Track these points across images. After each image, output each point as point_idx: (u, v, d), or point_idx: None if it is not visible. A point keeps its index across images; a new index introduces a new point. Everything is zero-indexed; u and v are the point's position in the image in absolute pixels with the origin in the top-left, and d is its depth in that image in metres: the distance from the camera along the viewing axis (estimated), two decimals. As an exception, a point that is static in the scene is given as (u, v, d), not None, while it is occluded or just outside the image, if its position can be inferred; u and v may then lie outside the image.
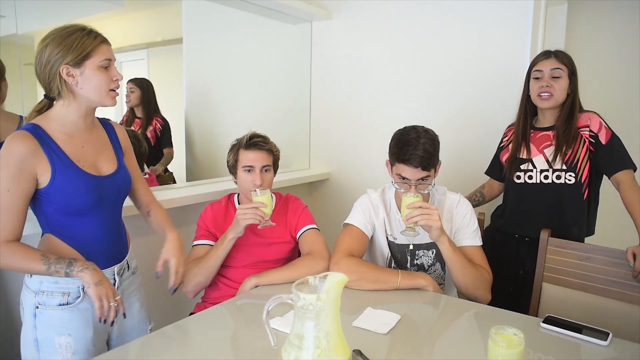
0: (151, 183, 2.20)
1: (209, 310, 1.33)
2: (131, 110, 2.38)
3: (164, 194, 2.00)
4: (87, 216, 1.22)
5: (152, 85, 2.38)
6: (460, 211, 1.58)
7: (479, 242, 1.57)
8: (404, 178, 1.48)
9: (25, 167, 1.11)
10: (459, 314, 1.36)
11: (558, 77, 1.66)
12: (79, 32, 1.14)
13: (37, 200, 1.18)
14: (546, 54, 1.71)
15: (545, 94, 1.67)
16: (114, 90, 1.20)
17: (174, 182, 2.45)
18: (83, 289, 1.21)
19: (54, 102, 1.20)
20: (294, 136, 2.90)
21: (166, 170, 2.50)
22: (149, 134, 2.40)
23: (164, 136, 2.44)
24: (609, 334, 1.15)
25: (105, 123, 1.35)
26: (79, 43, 1.13)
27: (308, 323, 0.86)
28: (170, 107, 2.44)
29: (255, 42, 2.81)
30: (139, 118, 2.41)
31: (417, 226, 1.41)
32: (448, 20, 2.34)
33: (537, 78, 1.70)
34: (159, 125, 2.42)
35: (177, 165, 2.51)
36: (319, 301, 0.84)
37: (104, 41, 1.18)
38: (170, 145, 2.48)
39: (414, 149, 1.43)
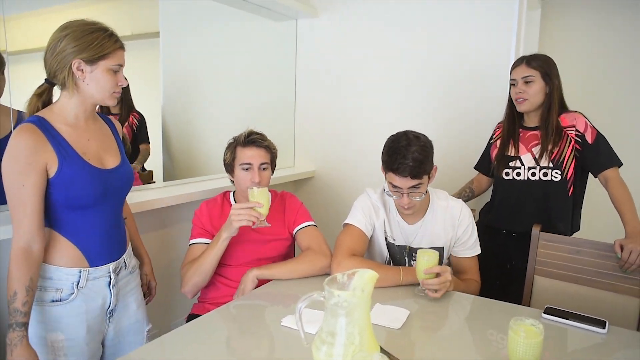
0: (135, 182, 2.12)
1: (207, 316, 1.28)
2: (106, 106, 2.28)
3: (141, 195, 1.92)
4: (89, 210, 1.20)
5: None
6: (463, 222, 1.57)
7: (478, 251, 1.60)
8: (395, 186, 1.47)
9: (34, 160, 1.10)
10: (464, 307, 1.40)
11: (530, 82, 1.74)
12: (101, 32, 1.16)
13: None
14: (519, 61, 1.80)
15: (520, 99, 1.76)
16: (116, 92, 1.23)
17: (153, 181, 2.37)
18: (77, 285, 1.20)
19: (59, 92, 1.21)
20: (278, 134, 2.83)
21: (144, 168, 2.41)
22: (125, 130, 2.29)
23: (141, 132, 2.36)
24: (605, 322, 1.21)
25: (105, 118, 1.36)
26: (99, 43, 1.15)
27: (341, 320, 0.85)
28: (142, 104, 2.35)
29: (237, 38, 2.76)
30: (114, 114, 2.31)
31: None
32: (435, 19, 2.39)
33: (513, 84, 1.80)
34: (135, 120, 2.34)
35: (154, 165, 2.42)
36: (354, 298, 0.84)
37: (122, 47, 1.21)
38: (147, 141, 2.40)
39: (403, 157, 1.40)
